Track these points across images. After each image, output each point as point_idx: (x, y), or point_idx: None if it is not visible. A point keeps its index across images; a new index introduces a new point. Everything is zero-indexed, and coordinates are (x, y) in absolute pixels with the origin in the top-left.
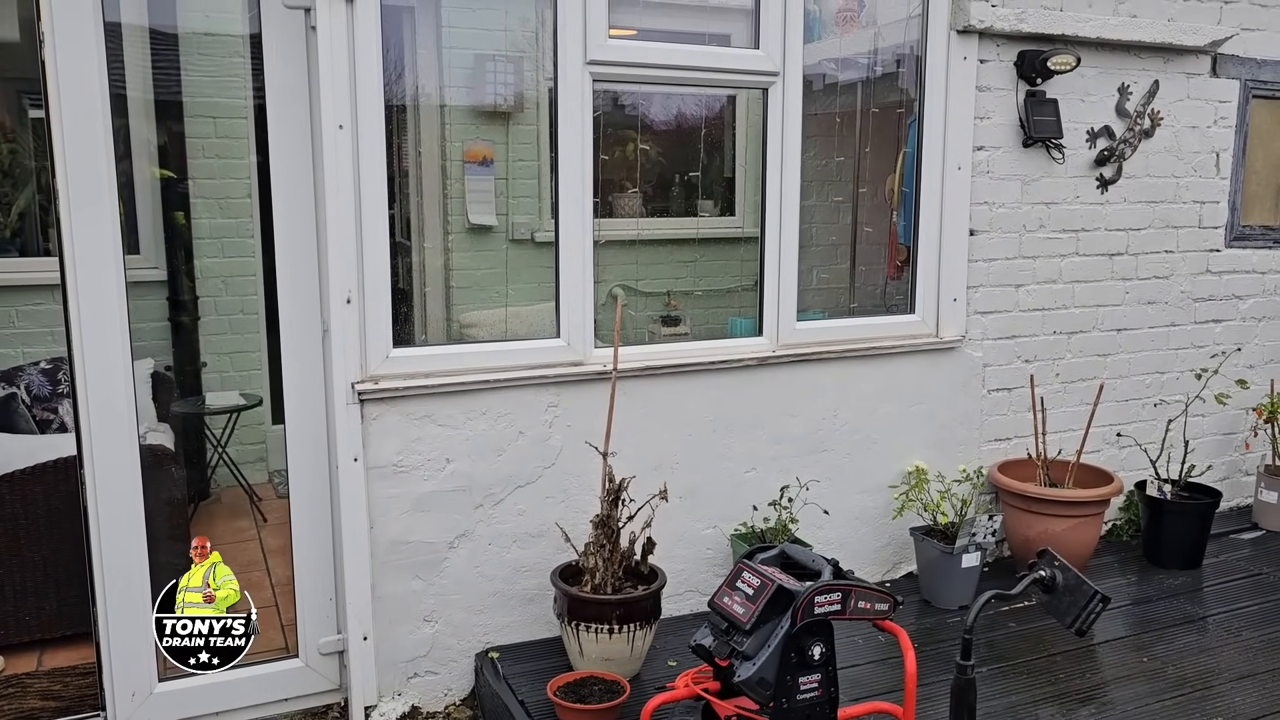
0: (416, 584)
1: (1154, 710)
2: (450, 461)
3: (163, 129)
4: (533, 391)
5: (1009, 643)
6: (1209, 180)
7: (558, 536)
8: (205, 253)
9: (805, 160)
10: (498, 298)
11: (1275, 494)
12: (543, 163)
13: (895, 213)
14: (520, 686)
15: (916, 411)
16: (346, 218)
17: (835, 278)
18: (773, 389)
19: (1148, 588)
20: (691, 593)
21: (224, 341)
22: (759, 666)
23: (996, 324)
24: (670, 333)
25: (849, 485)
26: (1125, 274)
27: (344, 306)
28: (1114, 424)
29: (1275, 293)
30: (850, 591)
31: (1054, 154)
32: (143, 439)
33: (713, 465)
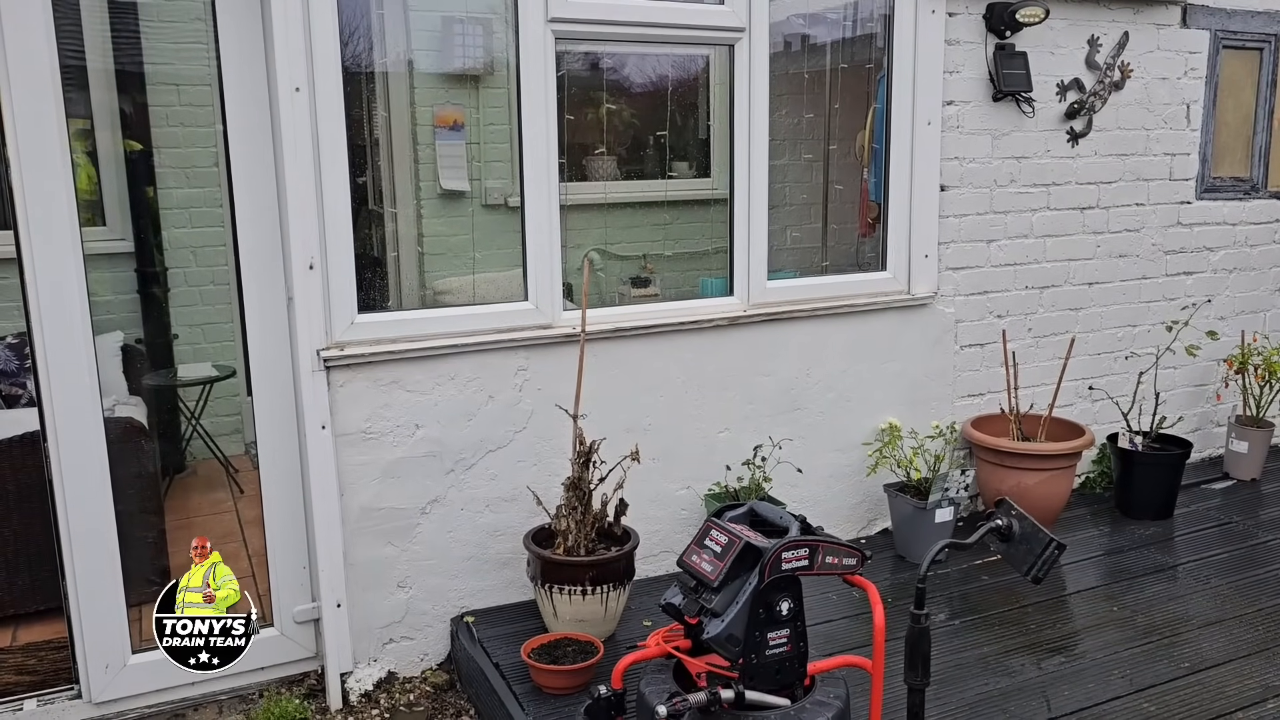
0: (389, 550)
1: (1123, 658)
2: (420, 427)
3: (125, 99)
4: (502, 355)
5: (981, 595)
6: (1180, 132)
7: (530, 500)
8: (173, 223)
9: (776, 119)
10: (471, 264)
11: (1245, 444)
12: (515, 127)
13: (866, 170)
14: (495, 650)
15: (889, 369)
16: (306, 182)
17: (807, 237)
18: (745, 349)
19: (1119, 538)
20: (666, 553)
21: (195, 313)
22: (727, 623)
23: (968, 280)
24: (641, 294)
25: (822, 443)
26: (1096, 228)
27: (306, 273)
28: (1086, 377)
29: (1246, 244)
30: (818, 547)
31: (1024, 108)
32: (111, 412)
33: (685, 426)
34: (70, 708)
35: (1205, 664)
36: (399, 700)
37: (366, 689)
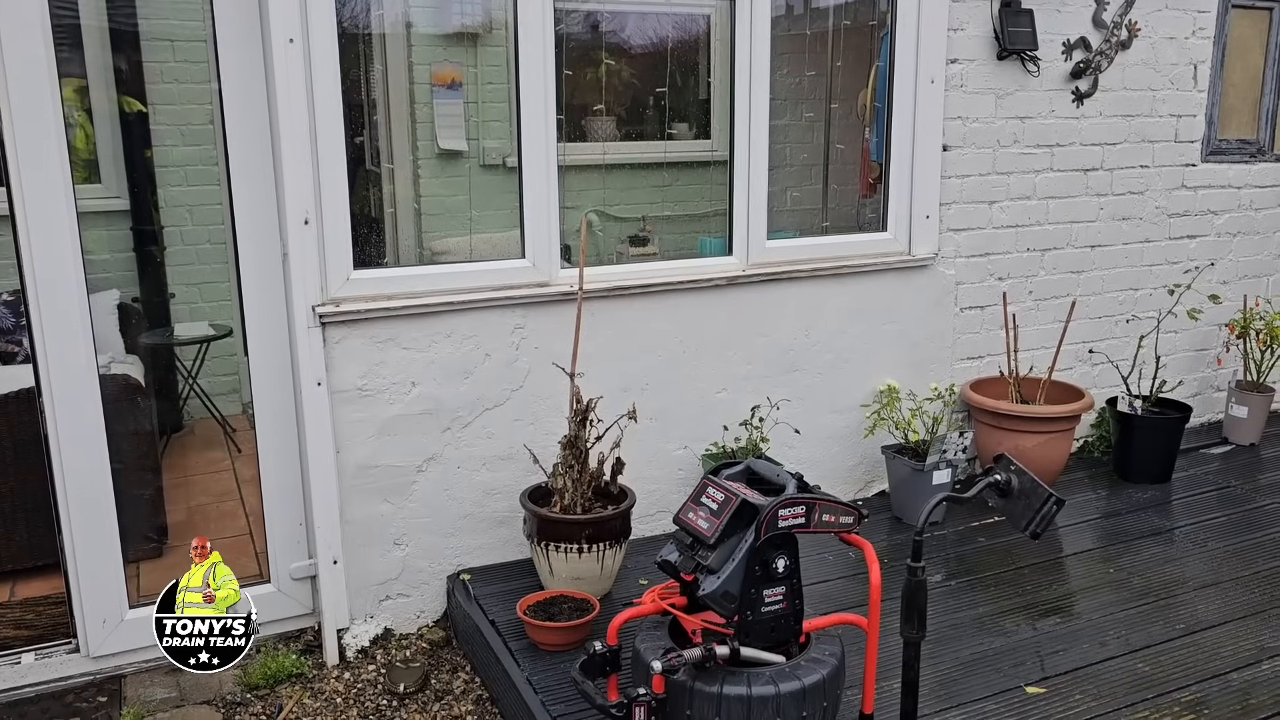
0: (385, 508)
1: (1118, 619)
2: (416, 385)
3: (121, 57)
4: (499, 313)
5: (978, 557)
6: (1186, 93)
7: (527, 459)
8: (169, 181)
9: (777, 78)
10: (469, 224)
11: (1245, 409)
12: (513, 85)
13: (868, 129)
14: (491, 607)
15: (888, 330)
16: (301, 135)
17: (808, 197)
18: (743, 309)
19: (1117, 501)
20: (663, 513)
21: (192, 272)
22: (723, 580)
23: (969, 241)
24: (639, 253)
25: (820, 405)
26: (1100, 190)
27: (302, 228)
28: (1087, 341)
29: (1251, 208)
30: (814, 505)
31: (1029, 66)
32: (106, 369)
33: (683, 386)
34: (68, 660)
35: (1201, 625)
36: (395, 656)
37: (363, 645)
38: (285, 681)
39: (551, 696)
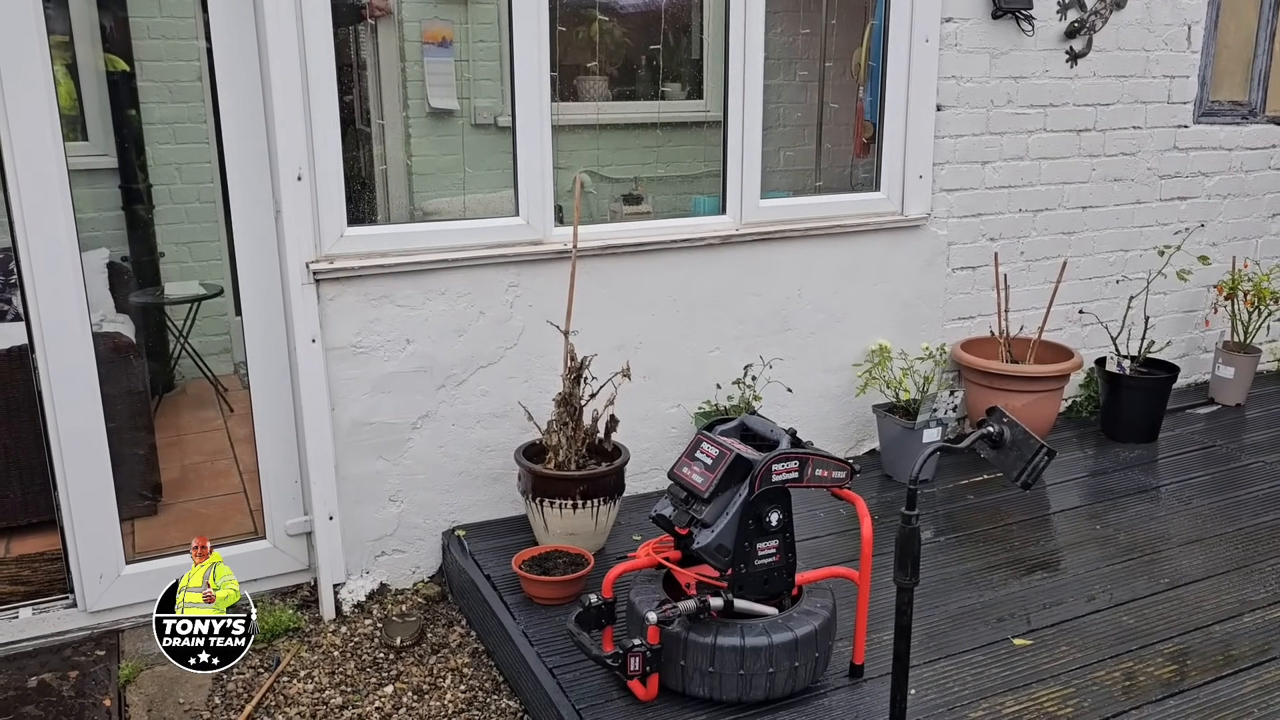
0: (381, 464)
1: (1103, 574)
2: (410, 342)
3: (106, 14)
4: (493, 271)
5: (967, 514)
6: (1179, 54)
7: (521, 416)
8: (156, 139)
9: (771, 37)
10: (460, 185)
11: (1232, 369)
12: (505, 44)
13: (862, 88)
14: (487, 562)
15: (880, 290)
16: (293, 89)
17: (801, 157)
18: (736, 268)
19: (1104, 460)
20: (656, 470)
21: (181, 231)
22: (717, 533)
23: (962, 202)
24: (632, 211)
25: (812, 364)
26: (1092, 150)
27: (295, 184)
28: (1077, 301)
29: (1241, 170)
30: (807, 460)
31: (1024, 26)
32: (98, 328)
33: (676, 344)
34: (66, 615)
35: (1184, 580)
36: (391, 611)
37: (359, 600)
38: (282, 636)
39: (547, 649)
